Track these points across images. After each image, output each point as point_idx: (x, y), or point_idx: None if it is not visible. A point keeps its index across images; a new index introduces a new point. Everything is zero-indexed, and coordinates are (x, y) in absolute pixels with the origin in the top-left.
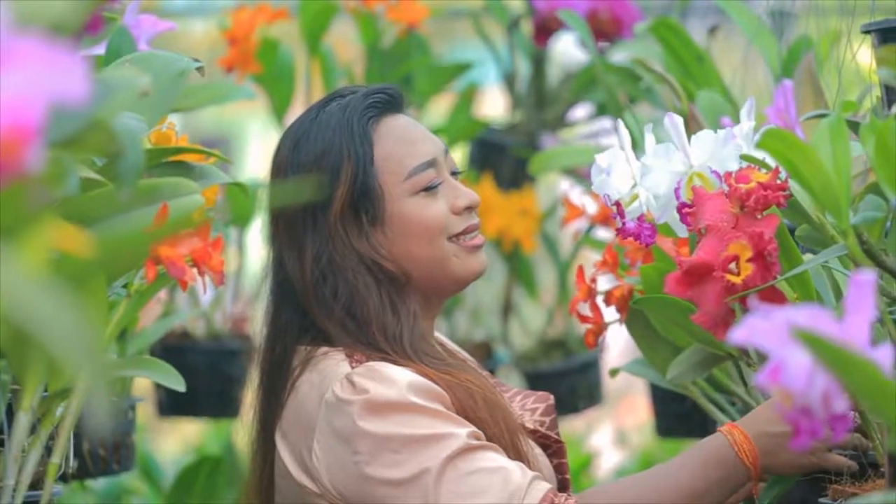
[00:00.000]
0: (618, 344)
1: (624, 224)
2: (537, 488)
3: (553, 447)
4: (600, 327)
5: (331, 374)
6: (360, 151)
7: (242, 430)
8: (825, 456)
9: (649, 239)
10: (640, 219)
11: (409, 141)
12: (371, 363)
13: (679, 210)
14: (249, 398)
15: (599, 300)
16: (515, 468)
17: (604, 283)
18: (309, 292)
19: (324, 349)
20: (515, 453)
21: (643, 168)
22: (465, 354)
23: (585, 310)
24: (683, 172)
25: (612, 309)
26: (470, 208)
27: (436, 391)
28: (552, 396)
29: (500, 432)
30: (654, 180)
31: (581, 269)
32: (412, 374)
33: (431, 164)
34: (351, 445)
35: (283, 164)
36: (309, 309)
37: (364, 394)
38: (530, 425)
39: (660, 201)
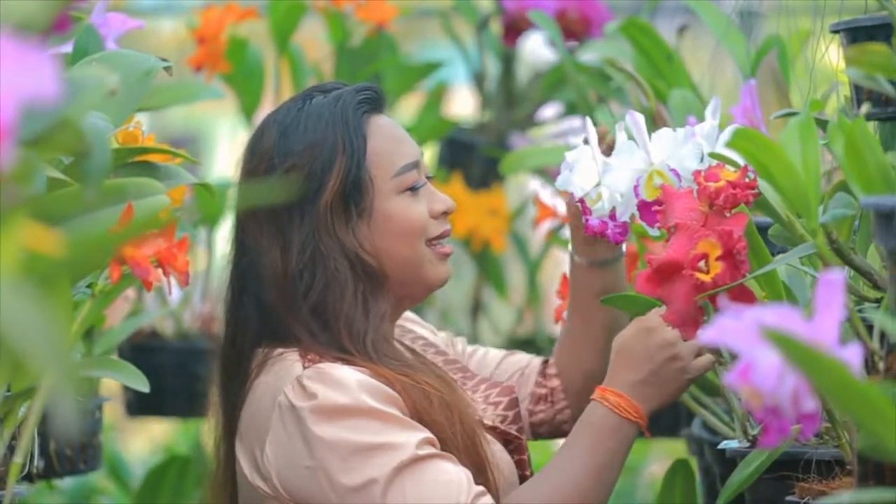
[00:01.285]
0: None
1: (587, 221)
2: None
3: (514, 443)
4: None
5: (284, 376)
6: (356, 144)
7: (209, 430)
8: (695, 366)
9: (619, 237)
10: (612, 216)
11: (397, 140)
12: (321, 365)
13: (639, 207)
14: (211, 398)
15: None
16: (462, 480)
17: None
18: (286, 285)
19: (279, 350)
20: (473, 453)
21: (605, 166)
22: (435, 339)
23: None
24: (644, 170)
25: None
26: (446, 213)
27: (388, 392)
28: (516, 388)
29: (454, 434)
30: (615, 178)
31: (565, 278)
32: (361, 375)
33: (416, 165)
34: (302, 449)
35: (269, 152)
36: (278, 301)
37: (313, 398)
38: (489, 421)
39: (624, 199)
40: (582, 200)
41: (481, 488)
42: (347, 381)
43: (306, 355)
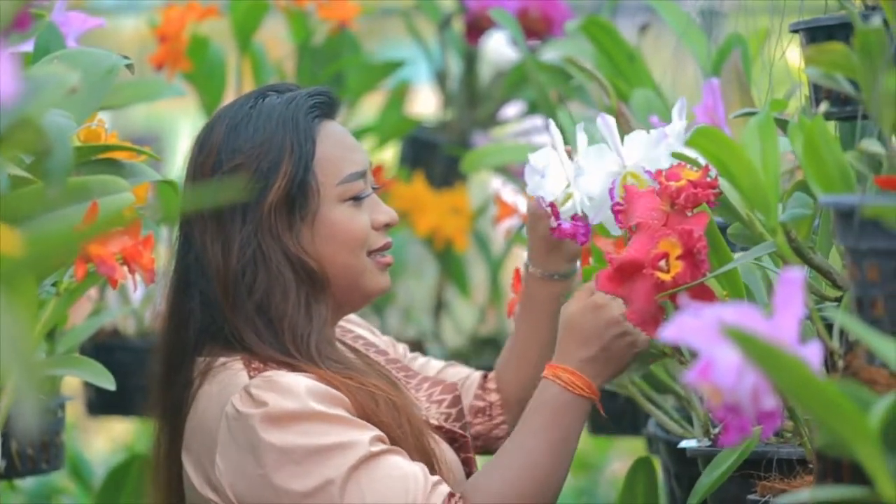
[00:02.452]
0: None
1: (559, 225)
2: (436, 497)
3: (459, 441)
4: None
5: (230, 385)
6: (304, 148)
7: (149, 430)
8: (643, 339)
9: (584, 238)
10: (575, 218)
11: (346, 148)
12: (268, 373)
13: (613, 210)
14: (151, 405)
15: None
16: (418, 473)
17: None
18: (228, 283)
19: (222, 360)
20: (421, 453)
21: (577, 169)
22: (375, 339)
23: None
24: (617, 173)
25: None
26: (388, 226)
27: (335, 396)
28: (458, 386)
29: (403, 434)
30: (588, 181)
31: (518, 272)
32: (309, 381)
33: (363, 174)
34: (253, 458)
35: (216, 147)
36: (223, 300)
37: (263, 406)
38: (434, 420)
39: (594, 202)
40: (553, 205)
41: (437, 477)
42: (296, 387)
43: (250, 364)
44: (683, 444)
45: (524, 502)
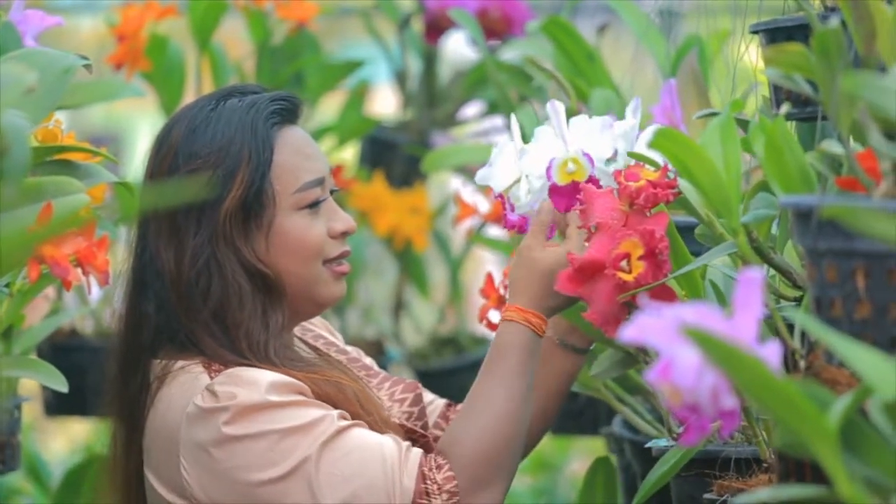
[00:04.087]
0: None
1: (507, 216)
2: (412, 461)
3: (419, 441)
4: None
5: (191, 387)
6: (262, 156)
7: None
8: None
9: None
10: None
11: (305, 155)
12: (229, 370)
13: (550, 191)
14: (106, 404)
15: None
16: (389, 441)
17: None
18: (181, 290)
19: (180, 363)
20: None
21: (521, 152)
22: (334, 339)
23: (496, 317)
24: (560, 157)
25: None
26: (345, 234)
27: (297, 385)
28: (420, 385)
29: (373, 422)
30: (531, 164)
31: (490, 277)
32: (272, 374)
33: (320, 182)
34: (221, 454)
35: (174, 149)
36: (177, 305)
37: (231, 399)
38: (396, 419)
39: (539, 189)
40: (502, 196)
41: (409, 443)
42: (260, 380)
43: (210, 366)
44: (650, 444)
45: (503, 447)
